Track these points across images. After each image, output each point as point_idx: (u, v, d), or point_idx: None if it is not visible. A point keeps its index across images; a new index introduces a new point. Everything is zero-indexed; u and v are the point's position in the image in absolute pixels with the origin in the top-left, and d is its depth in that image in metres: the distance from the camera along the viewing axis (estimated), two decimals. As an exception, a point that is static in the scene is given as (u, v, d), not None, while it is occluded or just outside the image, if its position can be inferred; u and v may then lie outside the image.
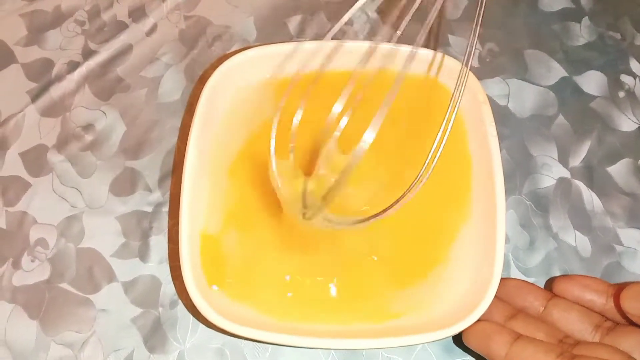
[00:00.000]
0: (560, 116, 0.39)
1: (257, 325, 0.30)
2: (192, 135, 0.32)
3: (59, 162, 0.37)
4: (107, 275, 0.35)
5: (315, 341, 0.30)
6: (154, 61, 0.40)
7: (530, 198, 0.37)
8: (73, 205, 0.36)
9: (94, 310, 0.34)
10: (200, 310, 0.30)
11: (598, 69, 0.40)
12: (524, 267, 0.36)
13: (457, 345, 0.34)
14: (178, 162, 0.37)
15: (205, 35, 0.41)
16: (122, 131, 0.38)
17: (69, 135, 0.38)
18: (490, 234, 0.31)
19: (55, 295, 0.34)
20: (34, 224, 0.36)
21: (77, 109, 0.39)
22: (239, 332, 0.29)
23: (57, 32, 0.41)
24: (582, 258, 0.36)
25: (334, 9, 0.42)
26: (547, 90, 0.40)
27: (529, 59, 0.41)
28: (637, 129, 0.39)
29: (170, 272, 0.35)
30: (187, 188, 0.31)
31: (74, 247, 0.35)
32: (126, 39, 0.41)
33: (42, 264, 0.35)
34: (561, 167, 0.38)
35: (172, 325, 0.34)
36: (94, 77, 0.40)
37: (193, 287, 0.30)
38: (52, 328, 0.34)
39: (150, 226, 0.36)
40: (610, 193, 0.37)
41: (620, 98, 0.40)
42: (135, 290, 0.35)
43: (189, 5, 0.42)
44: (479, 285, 0.30)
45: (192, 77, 0.40)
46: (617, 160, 0.38)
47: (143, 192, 0.37)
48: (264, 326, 0.30)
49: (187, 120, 0.38)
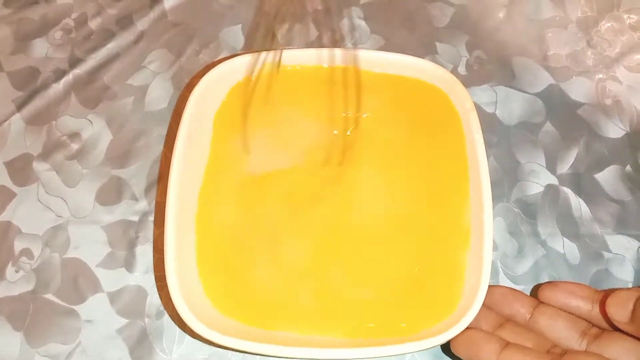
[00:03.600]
0: (547, 123, 0.39)
1: (244, 335, 0.30)
2: (178, 144, 0.32)
3: (44, 171, 0.37)
4: (93, 286, 0.34)
5: (303, 351, 0.30)
6: (140, 69, 0.40)
7: (519, 205, 0.37)
8: (58, 214, 0.36)
9: (79, 321, 0.34)
10: (187, 321, 0.29)
11: (585, 76, 0.41)
12: (513, 274, 0.35)
13: (446, 354, 0.33)
14: (164, 170, 0.37)
15: (192, 43, 0.41)
16: (108, 140, 0.38)
17: (54, 144, 0.38)
18: (478, 242, 0.31)
19: (39, 306, 0.34)
20: (18, 233, 0.35)
21: (63, 118, 0.38)
22: (225, 343, 0.29)
23: (44, 41, 0.41)
24: (570, 265, 0.36)
25: (322, 17, 0.42)
26: (534, 97, 0.40)
27: (516, 66, 0.41)
28: (624, 135, 0.39)
29: (155, 283, 0.34)
30: (173, 197, 0.31)
31: (59, 257, 0.35)
32: (113, 47, 0.40)
33: (27, 275, 0.35)
34: (549, 174, 0.38)
35: (158, 336, 0.34)
36: (81, 85, 0.39)
37: (179, 299, 0.29)
38: (36, 339, 0.33)
39: (137, 235, 0.36)
40: (598, 200, 0.37)
41: (607, 105, 0.40)
42: (121, 301, 0.34)
43: (176, 14, 0.42)
44: (466, 294, 0.30)
45: (179, 85, 0.40)
46: (605, 167, 0.38)
47: (129, 201, 0.36)
48: (251, 337, 0.30)
49: (173, 128, 0.38)
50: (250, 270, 0.32)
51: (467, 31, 0.42)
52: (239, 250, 0.33)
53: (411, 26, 0.42)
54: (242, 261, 0.33)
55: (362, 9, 0.42)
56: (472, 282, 0.30)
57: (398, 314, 0.31)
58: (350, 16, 0.42)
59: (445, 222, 0.33)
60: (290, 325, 0.31)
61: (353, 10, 0.42)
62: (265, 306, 0.32)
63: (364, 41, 0.41)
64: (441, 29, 0.42)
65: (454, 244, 0.32)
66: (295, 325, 0.31)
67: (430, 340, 0.29)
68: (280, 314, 0.32)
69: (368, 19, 0.42)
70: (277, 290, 0.32)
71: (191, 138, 0.33)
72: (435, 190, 0.34)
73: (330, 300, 0.32)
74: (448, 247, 0.32)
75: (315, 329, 0.31)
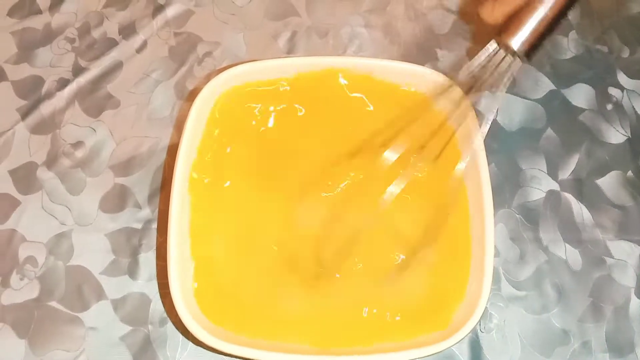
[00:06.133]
0: (548, 129, 0.39)
1: (247, 343, 0.30)
2: (181, 151, 0.32)
3: (48, 179, 0.37)
4: (97, 293, 0.35)
5: (306, 359, 0.30)
6: (144, 78, 0.40)
7: (520, 211, 0.37)
8: (62, 222, 0.36)
9: (83, 329, 0.34)
10: (190, 329, 0.29)
11: (586, 82, 0.41)
12: (515, 280, 0.35)
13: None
14: (167, 178, 0.37)
15: (195, 51, 0.41)
16: (111, 148, 0.38)
17: (58, 152, 0.38)
18: (479, 250, 0.31)
19: (44, 313, 0.34)
20: (23, 241, 0.36)
21: (67, 126, 0.39)
22: (229, 351, 0.29)
23: (48, 50, 0.41)
24: (572, 271, 0.36)
25: (323, 25, 0.42)
26: (535, 103, 0.40)
27: (517, 72, 0.41)
28: (625, 141, 0.39)
29: (158, 290, 0.35)
30: (176, 205, 0.31)
31: (63, 264, 0.35)
32: (116, 55, 0.41)
33: (31, 282, 0.35)
34: (550, 180, 0.38)
35: (161, 343, 0.34)
36: (84, 94, 0.40)
37: (182, 307, 0.30)
38: (40, 347, 0.33)
39: (140, 243, 0.36)
40: (599, 205, 0.37)
41: (609, 110, 0.40)
42: (124, 308, 0.34)
43: (179, 22, 0.42)
44: (468, 301, 0.30)
45: (182, 93, 0.40)
46: (606, 172, 0.38)
47: (132, 209, 0.37)
48: (254, 345, 0.30)
49: (176, 136, 0.38)
50: (253, 279, 0.33)
51: (468, 38, 0.42)
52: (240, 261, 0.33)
53: (412, 33, 0.42)
54: (243, 272, 0.33)
55: (362, 17, 0.42)
56: (474, 289, 0.30)
57: (396, 322, 0.32)
58: (351, 24, 0.42)
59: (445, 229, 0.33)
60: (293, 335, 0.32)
61: (354, 19, 0.42)
62: (268, 315, 0.32)
63: (365, 49, 0.41)
64: (441, 36, 0.42)
65: (454, 252, 0.32)
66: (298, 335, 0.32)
67: (432, 347, 0.29)
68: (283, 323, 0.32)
69: (369, 26, 0.42)
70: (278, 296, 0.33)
71: (194, 146, 0.33)
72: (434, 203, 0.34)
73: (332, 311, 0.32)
74: (449, 255, 0.32)
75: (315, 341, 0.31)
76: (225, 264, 0.33)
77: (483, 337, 0.34)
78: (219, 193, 0.34)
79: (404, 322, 0.31)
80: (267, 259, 0.33)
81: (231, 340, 0.30)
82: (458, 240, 0.32)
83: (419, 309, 0.32)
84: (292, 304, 0.32)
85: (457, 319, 0.31)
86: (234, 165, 0.35)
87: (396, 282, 0.32)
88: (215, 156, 0.34)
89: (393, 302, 0.32)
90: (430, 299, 0.32)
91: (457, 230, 0.33)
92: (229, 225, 0.34)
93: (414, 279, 0.33)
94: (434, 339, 0.30)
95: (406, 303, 0.32)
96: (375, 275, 0.33)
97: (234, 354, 0.29)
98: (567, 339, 0.34)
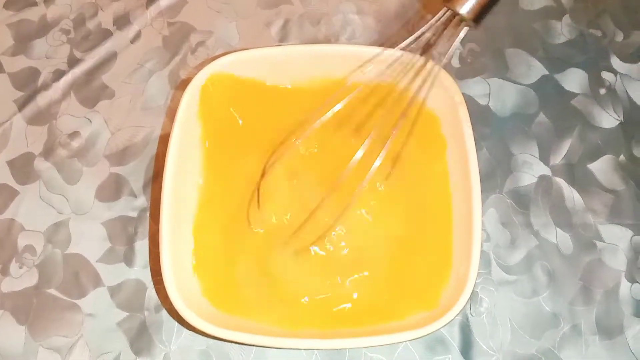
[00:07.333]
0: (541, 114, 0.39)
1: (240, 327, 0.30)
2: (172, 140, 0.33)
3: (45, 169, 0.38)
4: (94, 280, 0.35)
5: (299, 342, 0.31)
6: (138, 68, 0.41)
7: (511, 196, 0.37)
8: (60, 211, 0.37)
9: (81, 315, 0.35)
10: (183, 315, 0.30)
11: (579, 67, 0.41)
12: (505, 264, 0.36)
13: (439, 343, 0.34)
14: (160, 167, 0.37)
15: (188, 41, 0.41)
16: (107, 137, 0.39)
17: (55, 142, 0.39)
18: (467, 234, 0.31)
19: (42, 300, 0.35)
20: (21, 230, 0.36)
21: (63, 117, 0.39)
22: (222, 335, 0.30)
23: (43, 41, 0.41)
24: (563, 255, 0.36)
25: (315, 13, 0.42)
26: (527, 88, 0.40)
27: (509, 57, 0.41)
28: (618, 125, 0.39)
29: (152, 277, 0.35)
30: (167, 194, 0.32)
31: (60, 253, 0.36)
32: (111, 46, 0.41)
33: (30, 270, 0.36)
34: (542, 165, 0.38)
35: (157, 329, 0.34)
36: (80, 84, 0.40)
37: (175, 294, 0.30)
38: (40, 333, 0.34)
39: (135, 231, 0.36)
40: (591, 190, 0.38)
41: (601, 95, 0.40)
42: (121, 295, 0.35)
43: (172, 12, 0.42)
44: (455, 284, 0.31)
45: (175, 82, 0.40)
46: (598, 157, 0.38)
47: (128, 198, 0.37)
48: (247, 328, 0.30)
49: (169, 125, 0.39)
50: (245, 263, 0.33)
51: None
52: (233, 245, 0.34)
53: (404, 20, 0.42)
54: (236, 254, 0.34)
55: (354, 4, 0.42)
56: (461, 273, 0.30)
57: (384, 302, 0.32)
58: (344, 11, 0.42)
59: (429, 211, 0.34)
60: (287, 316, 0.32)
61: (346, 6, 0.42)
62: (261, 298, 0.33)
63: (357, 36, 0.41)
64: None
65: (439, 233, 0.33)
66: (292, 316, 0.32)
67: (420, 330, 0.29)
68: (276, 306, 0.33)
69: (361, 13, 0.42)
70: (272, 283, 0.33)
71: (185, 136, 0.34)
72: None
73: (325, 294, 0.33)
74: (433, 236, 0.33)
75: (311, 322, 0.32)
76: (220, 250, 0.33)
77: (473, 320, 0.35)
78: (214, 178, 0.35)
79: (393, 303, 0.32)
80: (258, 238, 0.34)
81: (225, 325, 0.30)
82: (438, 220, 0.33)
83: (408, 289, 0.33)
84: (284, 283, 0.33)
85: (446, 301, 0.31)
86: (226, 151, 0.35)
87: (383, 265, 0.33)
88: (209, 143, 0.35)
89: (381, 284, 0.33)
90: (417, 280, 0.32)
91: (438, 211, 0.33)
92: (224, 210, 0.34)
93: (399, 262, 0.33)
94: (424, 321, 0.30)
95: (393, 285, 0.33)
96: (362, 257, 0.33)
97: (226, 338, 0.30)
98: (557, 322, 0.35)
